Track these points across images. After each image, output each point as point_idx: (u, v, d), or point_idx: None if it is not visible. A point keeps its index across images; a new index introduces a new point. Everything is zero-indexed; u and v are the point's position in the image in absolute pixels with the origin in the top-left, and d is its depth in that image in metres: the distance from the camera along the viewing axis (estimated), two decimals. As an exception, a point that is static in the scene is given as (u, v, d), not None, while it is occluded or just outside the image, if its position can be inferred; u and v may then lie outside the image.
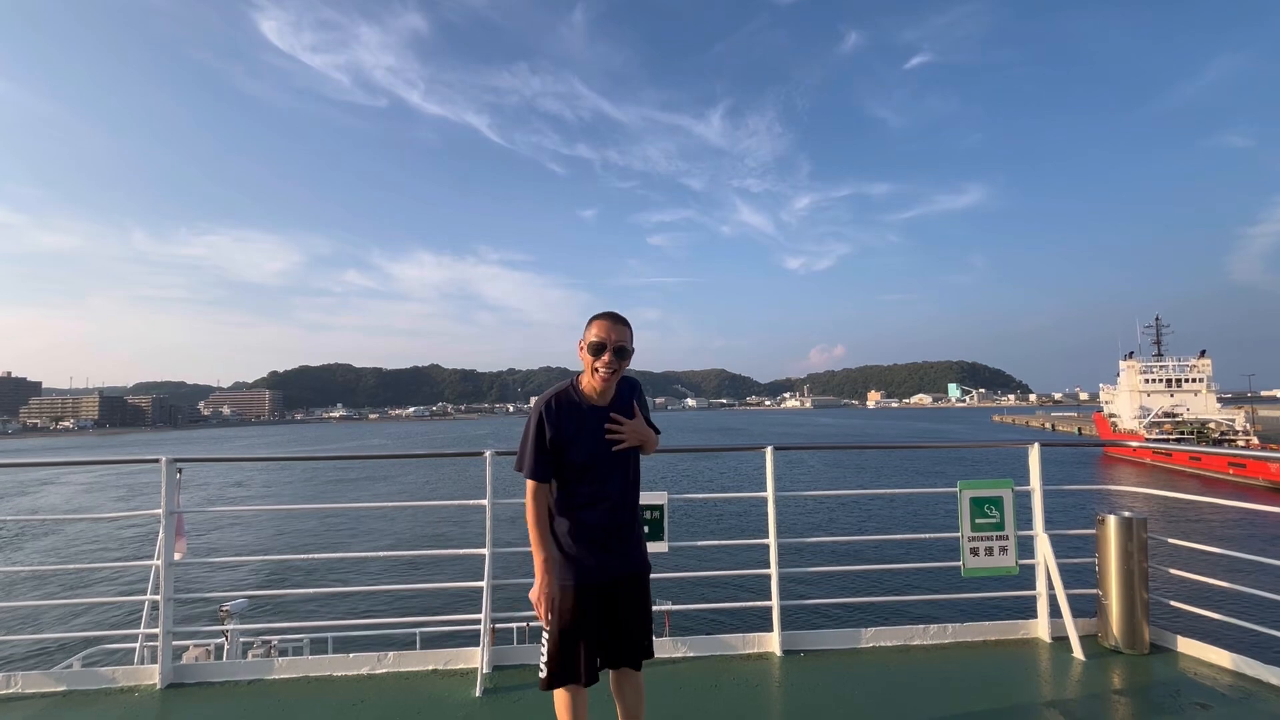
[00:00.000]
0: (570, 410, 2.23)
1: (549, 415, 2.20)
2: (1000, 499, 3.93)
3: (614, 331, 2.18)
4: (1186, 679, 3.35)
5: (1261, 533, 22.10)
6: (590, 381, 2.24)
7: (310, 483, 47.34)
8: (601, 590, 2.22)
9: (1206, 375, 54.59)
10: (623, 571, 2.26)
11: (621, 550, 2.28)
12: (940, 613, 4.19)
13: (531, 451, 2.20)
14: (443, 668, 3.60)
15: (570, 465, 2.22)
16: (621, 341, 2.19)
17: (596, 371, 2.19)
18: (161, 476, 3.65)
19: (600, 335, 2.18)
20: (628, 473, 2.32)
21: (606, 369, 2.19)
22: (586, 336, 2.21)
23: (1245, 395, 79.10)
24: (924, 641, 3.88)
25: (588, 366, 2.22)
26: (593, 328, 2.21)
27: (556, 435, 2.19)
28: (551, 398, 2.24)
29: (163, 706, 3.26)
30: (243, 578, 18.09)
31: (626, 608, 2.27)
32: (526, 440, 2.22)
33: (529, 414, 2.27)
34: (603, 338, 2.18)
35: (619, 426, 2.25)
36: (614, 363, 2.19)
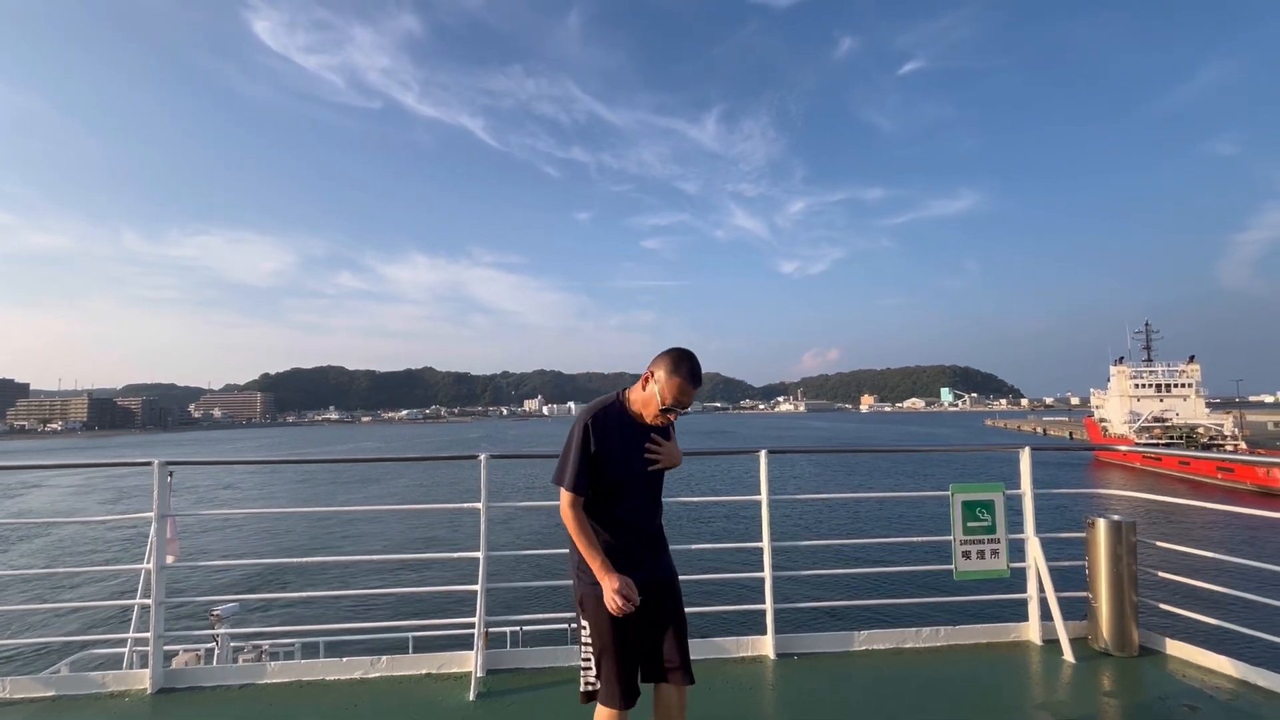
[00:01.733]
0: (619, 425, 2.23)
1: (596, 428, 2.19)
2: (992, 502, 3.96)
3: (691, 395, 2.18)
4: (1175, 681, 3.38)
5: (1248, 536, 22.30)
6: (645, 414, 2.23)
7: (302, 486, 47.02)
8: (642, 603, 2.18)
9: (1195, 380, 55.11)
10: (655, 583, 2.25)
11: (652, 562, 2.29)
12: (933, 615, 4.21)
13: (575, 463, 2.17)
14: (436, 671, 3.59)
15: (608, 480, 2.21)
16: (691, 402, 2.20)
17: (656, 419, 2.21)
18: (153, 479, 3.62)
19: (680, 399, 2.17)
20: (658, 490, 2.36)
21: (665, 422, 2.24)
22: (664, 386, 2.16)
23: (1233, 400, 79.91)
24: (917, 644, 3.89)
25: (653, 403, 2.18)
26: (675, 382, 2.15)
27: (601, 449, 2.18)
28: (599, 410, 2.23)
29: (153, 712, 3.24)
30: (234, 581, 17.94)
31: (664, 615, 2.25)
32: (570, 451, 2.19)
33: (572, 427, 2.25)
34: (681, 400, 2.17)
35: (658, 448, 2.27)
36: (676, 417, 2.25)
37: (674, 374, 2.16)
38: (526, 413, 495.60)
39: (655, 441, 2.27)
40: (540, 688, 3.40)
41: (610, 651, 2.14)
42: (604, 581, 2.12)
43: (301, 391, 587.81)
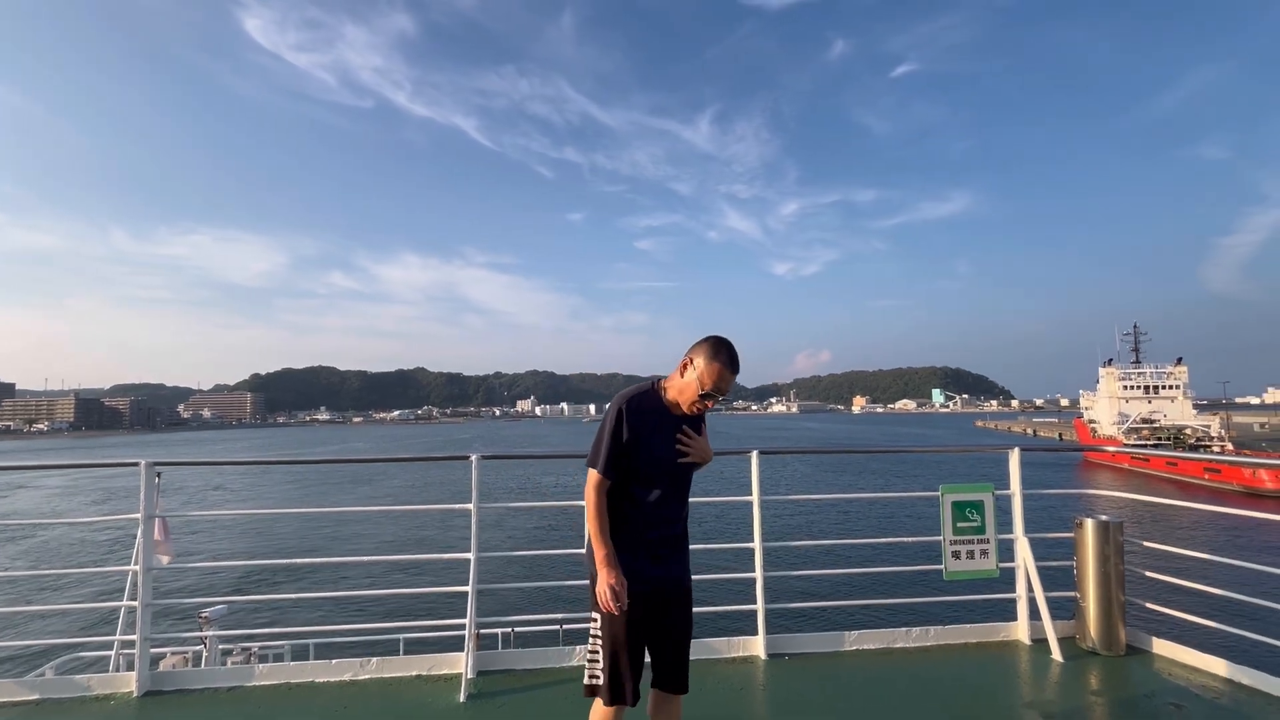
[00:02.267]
0: (651, 414, 2.20)
1: (629, 414, 2.16)
2: (981, 503, 3.98)
3: (729, 384, 2.15)
4: (1162, 680, 3.42)
5: (1234, 536, 22.56)
6: (679, 400, 2.20)
7: (292, 486, 46.70)
8: (653, 601, 2.19)
9: (1183, 382, 55.71)
10: (672, 583, 2.24)
11: (673, 561, 2.26)
12: (923, 615, 4.24)
13: (608, 447, 2.15)
14: (427, 673, 3.57)
15: (638, 469, 2.18)
16: (729, 391, 2.17)
17: (694, 406, 2.17)
18: (140, 480, 3.59)
19: (719, 385, 2.13)
20: (687, 485, 2.32)
21: (702, 409, 2.20)
22: (704, 372, 2.13)
23: (1220, 401, 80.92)
24: (906, 644, 3.91)
25: (688, 391, 2.16)
26: (714, 369, 2.13)
27: (633, 437, 2.15)
28: (634, 397, 2.20)
29: (139, 714, 3.20)
30: (222, 583, 17.80)
31: (674, 621, 2.24)
32: (603, 436, 2.17)
33: (608, 410, 2.22)
34: (719, 387, 2.14)
35: (690, 441, 2.23)
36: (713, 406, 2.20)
37: (714, 359, 2.13)
38: (519, 413, 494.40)
39: (687, 434, 2.22)
40: (531, 689, 3.39)
41: (624, 649, 2.13)
42: (601, 573, 2.11)
43: (292, 392, 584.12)
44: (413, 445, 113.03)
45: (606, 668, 2.14)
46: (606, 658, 2.15)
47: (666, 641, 2.23)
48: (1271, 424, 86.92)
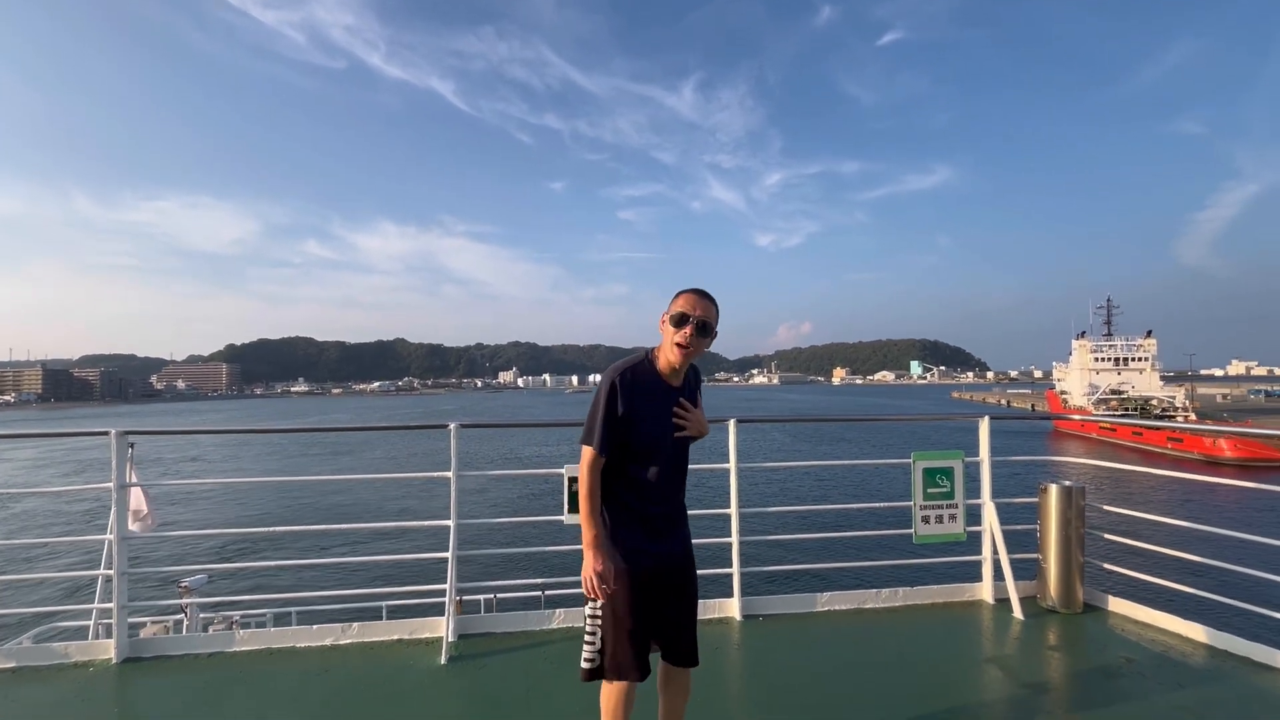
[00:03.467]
0: (644, 386, 2.14)
1: (623, 388, 2.10)
2: (951, 469, 4.09)
3: (700, 306, 2.10)
4: (1115, 635, 3.59)
5: (1189, 501, 23.52)
6: (668, 357, 2.15)
7: (270, 458, 46.29)
8: (655, 577, 2.16)
9: (1151, 355, 57.19)
10: (673, 559, 2.21)
11: (672, 536, 2.23)
12: (892, 578, 4.39)
13: (602, 423, 2.08)
14: (408, 637, 3.62)
15: (634, 444, 2.13)
16: (706, 317, 2.10)
17: (676, 345, 2.11)
18: (111, 449, 3.54)
19: (685, 307, 2.10)
20: (684, 461, 2.27)
21: (686, 341, 2.10)
22: (670, 309, 2.13)
23: (1186, 374, 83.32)
24: (876, 605, 4.05)
25: (667, 340, 2.13)
26: (679, 300, 2.13)
27: (628, 410, 2.09)
28: (627, 369, 2.14)
29: (120, 680, 3.22)
30: (201, 553, 17.71)
31: (676, 595, 2.23)
32: (596, 411, 2.10)
33: (599, 385, 2.15)
34: (687, 309, 2.10)
35: (687, 415, 2.18)
36: (695, 338, 2.09)
37: (678, 296, 2.15)
38: (501, 385, 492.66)
39: (684, 406, 2.18)
40: (511, 650, 3.46)
41: (627, 625, 2.10)
42: (586, 557, 2.08)
43: (269, 363, 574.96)
44: (394, 417, 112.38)
45: (611, 648, 2.11)
46: (609, 638, 2.12)
47: (671, 616, 2.21)
48: (1233, 395, 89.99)
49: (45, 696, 3.04)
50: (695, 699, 2.33)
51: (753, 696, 2.99)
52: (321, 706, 2.89)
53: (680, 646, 2.23)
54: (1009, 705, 2.87)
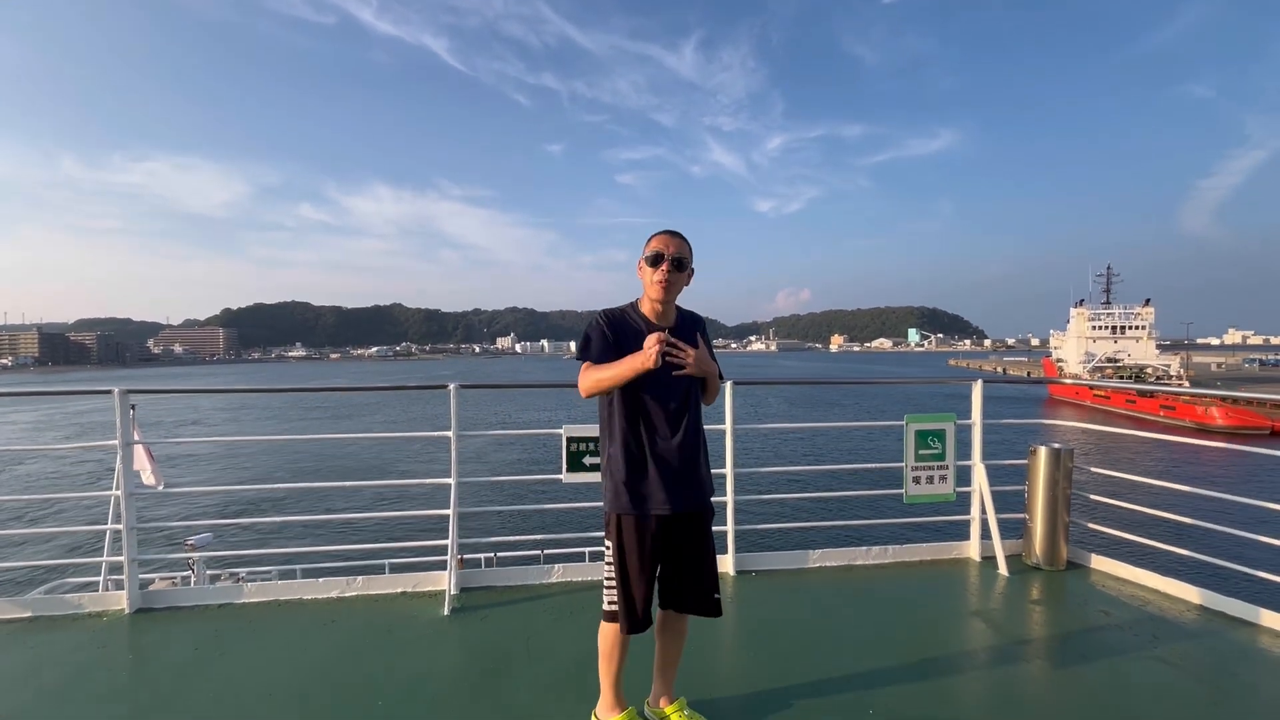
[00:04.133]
0: (630, 328, 2.17)
1: (609, 322, 2.16)
2: (943, 432, 4.16)
3: (672, 244, 2.13)
4: (1095, 591, 3.71)
5: (1175, 465, 23.92)
6: (650, 297, 2.18)
7: (271, 422, 46.57)
8: (665, 524, 2.15)
9: (1149, 323, 57.29)
10: (685, 506, 2.17)
11: (684, 483, 2.18)
12: (882, 536, 4.52)
13: (595, 340, 2.14)
14: (411, 590, 3.73)
15: (635, 389, 2.13)
16: (680, 254, 2.12)
17: (656, 284, 2.13)
18: (115, 407, 3.58)
19: (658, 247, 2.13)
20: (690, 404, 2.21)
21: (664, 276, 2.11)
22: (644, 252, 2.16)
23: (1182, 342, 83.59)
24: (866, 562, 4.17)
25: (648, 281, 2.16)
26: (651, 242, 2.16)
27: (619, 345, 2.12)
28: (609, 312, 2.20)
29: (133, 629, 3.32)
30: (207, 510, 17.96)
31: (689, 545, 2.22)
32: (592, 334, 2.16)
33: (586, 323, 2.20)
34: (660, 248, 2.12)
35: (681, 350, 2.04)
36: (671, 273, 2.11)
37: (650, 239, 2.18)
38: (500, 350, 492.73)
39: (676, 344, 2.04)
40: (512, 603, 3.57)
41: (627, 578, 2.14)
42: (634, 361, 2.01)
43: (265, 328, 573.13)
44: (393, 381, 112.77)
45: (622, 593, 2.15)
46: (621, 583, 2.16)
47: (684, 569, 2.23)
48: (1228, 364, 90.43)
49: (61, 644, 3.15)
50: (689, 650, 2.42)
51: (745, 647, 3.10)
52: (329, 654, 3.00)
53: (682, 595, 2.25)
54: (990, 655, 2.99)
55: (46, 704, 2.59)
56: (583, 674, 2.77)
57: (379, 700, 2.58)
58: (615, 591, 2.17)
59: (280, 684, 2.72)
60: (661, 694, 2.39)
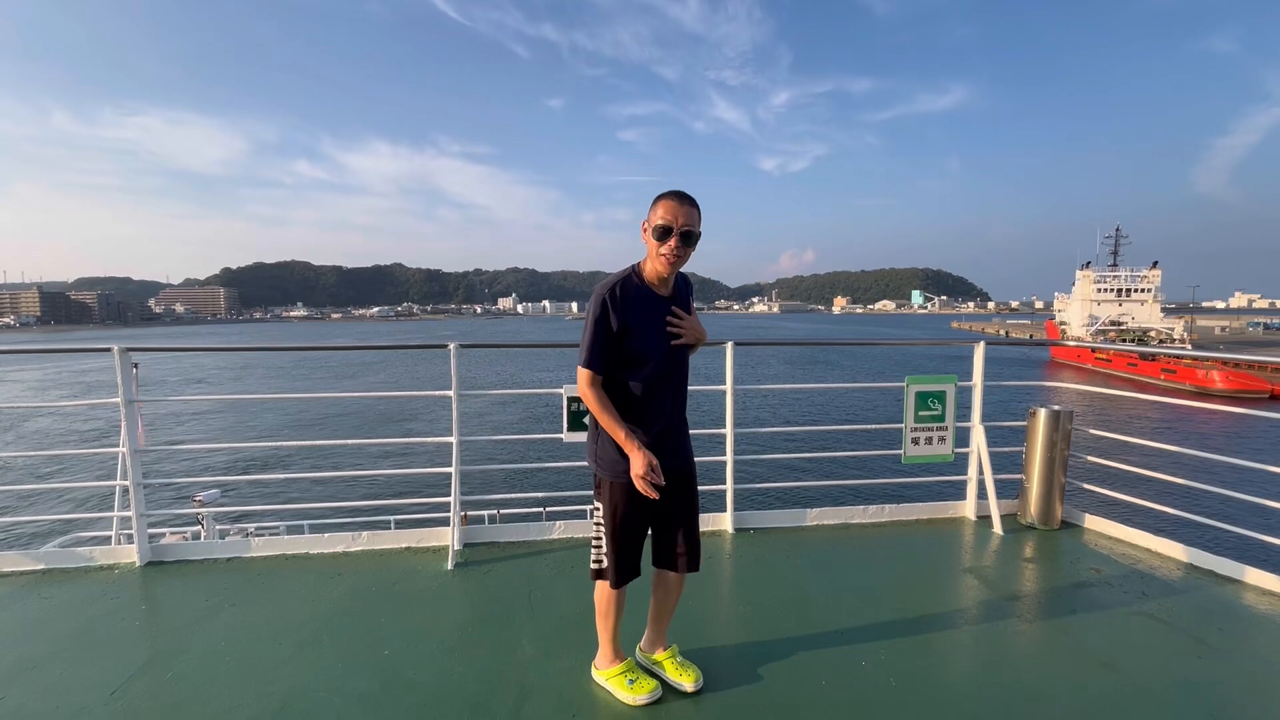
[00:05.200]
0: (636, 299, 2.11)
1: (613, 304, 2.07)
2: (943, 393, 4.16)
3: (681, 214, 2.03)
4: (1087, 549, 3.78)
5: (1172, 427, 24.10)
6: (654, 268, 2.12)
7: (275, 380, 46.89)
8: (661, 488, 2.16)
9: (1154, 286, 56.75)
10: (674, 469, 2.20)
11: (674, 448, 2.24)
12: (880, 495, 4.58)
13: (594, 340, 2.07)
14: (415, 545, 3.81)
15: (631, 357, 2.12)
16: (689, 225, 2.04)
17: (661, 257, 2.07)
18: (116, 365, 3.59)
19: (666, 218, 2.03)
20: (684, 370, 2.27)
21: (672, 254, 2.05)
22: (651, 219, 2.06)
23: (1188, 306, 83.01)
24: (863, 520, 4.23)
25: (652, 251, 2.09)
26: (658, 208, 2.05)
27: (622, 325, 2.07)
28: (616, 284, 2.10)
29: (144, 581, 3.41)
30: (212, 468, 18.29)
31: (680, 504, 2.27)
32: (587, 328, 2.09)
33: (589, 306, 2.11)
34: (669, 221, 2.03)
35: (679, 321, 2.17)
36: (680, 249, 2.05)
37: (656, 202, 2.08)
38: (501, 311, 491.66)
39: (676, 314, 2.16)
40: (513, 558, 3.65)
41: (615, 537, 2.20)
42: (634, 457, 2.07)
43: (266, 287, 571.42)
44: (395, 340, 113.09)
45: (612, 552, 2.21)
46: (611, 543, 2.21)
47: (677, 527, 2.29)
48: (1232, 328, 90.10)
49: (75, 595, 3.23)
50: (687, 605, 2.48)
51: (740, 601, 3.18)
52: (336, 605, 3.08)
53: (683, 552, 2.31)
54: (981, 610, 3.06)
55: (64, 651, 2.68)
56: (583, 627, 2.85)
57: (386, 650, 2.66)
58: (603, 550, 2.24)
59: (289, 632, 2.81)
60: (656, 642, 2.47)
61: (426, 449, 19.34)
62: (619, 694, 2.30)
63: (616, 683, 2.32)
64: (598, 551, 2.27)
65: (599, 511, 2.25)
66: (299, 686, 2.40)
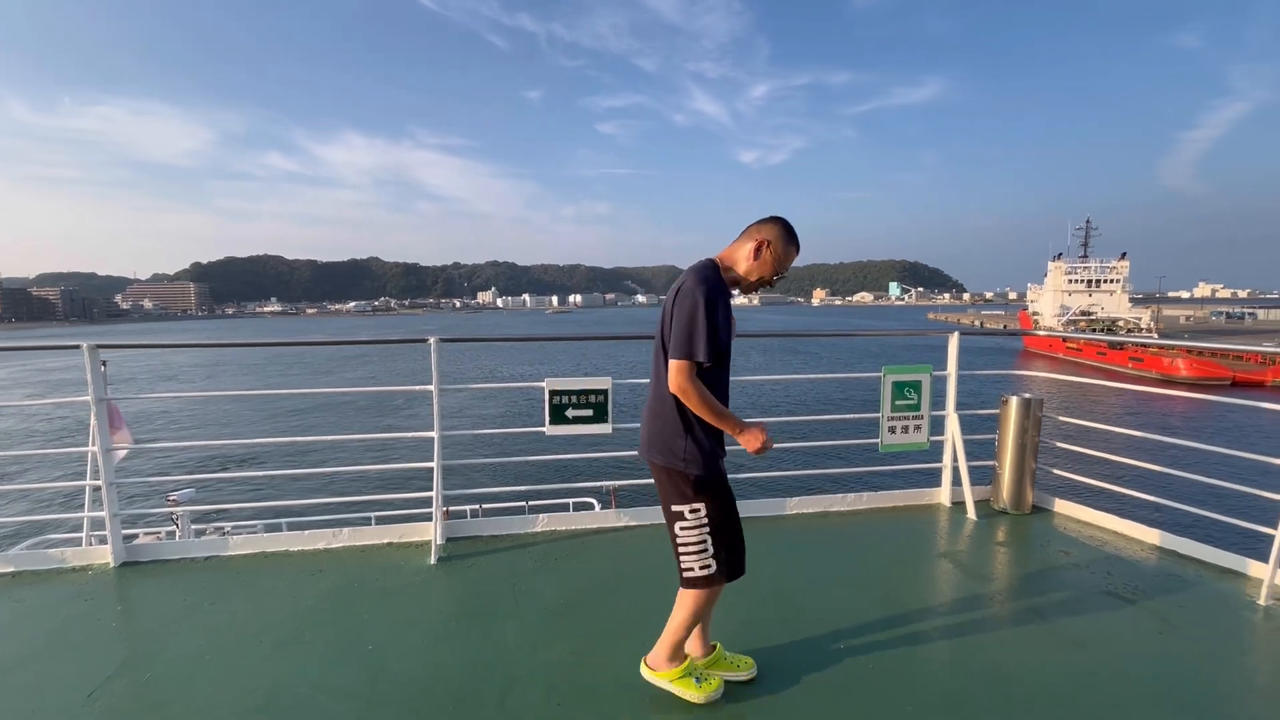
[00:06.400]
0: (728, 294, 2.21)
1: (724, 296, 2.14)
2: (919, 383, 4.25)
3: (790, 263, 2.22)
4: (1057, 533, 3.90)
5: (1137, 413, 24.81)
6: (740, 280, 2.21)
7: (249, 377, 46.01)
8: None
9: (1123, 277, 58.26)
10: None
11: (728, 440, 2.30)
12: (857, 484, 4.67)
13: (709, 331, 2.04)
14: (398, 540, 3.79)
15: (721, 351, 2.16)
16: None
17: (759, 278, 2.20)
18: (85, 363, 3.51)
19: (786, 264, 2.20)
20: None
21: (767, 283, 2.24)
22: (784, 256, 2.19)
23: (1154, 296, 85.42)
24: (841, 508, 4.31)
25: (752, 268, 2.18)
26: (791, 253, 2.21)
27: (724, 318, 2.13)
28: (720, 283, 2.15)
29: (119, 582, 3.35)
30: (187, 466, 17.92)
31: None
32: (699, 322, 2.04)
33: (694, 298, 2.06)
34: (787, 265, 2.20)
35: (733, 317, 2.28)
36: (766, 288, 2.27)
37: (790, 243, 2.20)
38: (481, 305, 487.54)
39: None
40: (497, 551, 3.65)
41: (729, 532, 2.21)
42: (748, 434, 2.12)
43: (238, 282, 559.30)
44: (374, 336, 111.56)
45: (723, 549, 2.20)
46: (719, 540, 2.19)
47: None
48: (1196, 317, 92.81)
49: (47, 597, 3.17)
50: (664, 595, 2.49)
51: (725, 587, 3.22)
52: (317, 601, 3.06)
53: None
54: (954, 593, 3.15)
55: (39, 654, 2.63)
56: (567, 617, 2.87)
57: (369, 644, 2.65)
58: (707, 553, 2.19)
59: (270, 630, 2.79)
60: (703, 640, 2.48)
61: (408, 444, 19.17)
62: (686, 694, 2.27)
63: (684, 684, 2.29)
64: (701, 556, 2.18)
65: (697, 513, 2.17)
66: (281, 683, 2.40)
